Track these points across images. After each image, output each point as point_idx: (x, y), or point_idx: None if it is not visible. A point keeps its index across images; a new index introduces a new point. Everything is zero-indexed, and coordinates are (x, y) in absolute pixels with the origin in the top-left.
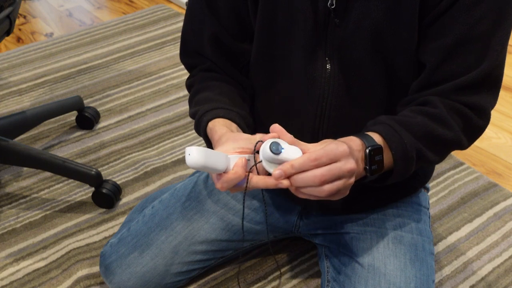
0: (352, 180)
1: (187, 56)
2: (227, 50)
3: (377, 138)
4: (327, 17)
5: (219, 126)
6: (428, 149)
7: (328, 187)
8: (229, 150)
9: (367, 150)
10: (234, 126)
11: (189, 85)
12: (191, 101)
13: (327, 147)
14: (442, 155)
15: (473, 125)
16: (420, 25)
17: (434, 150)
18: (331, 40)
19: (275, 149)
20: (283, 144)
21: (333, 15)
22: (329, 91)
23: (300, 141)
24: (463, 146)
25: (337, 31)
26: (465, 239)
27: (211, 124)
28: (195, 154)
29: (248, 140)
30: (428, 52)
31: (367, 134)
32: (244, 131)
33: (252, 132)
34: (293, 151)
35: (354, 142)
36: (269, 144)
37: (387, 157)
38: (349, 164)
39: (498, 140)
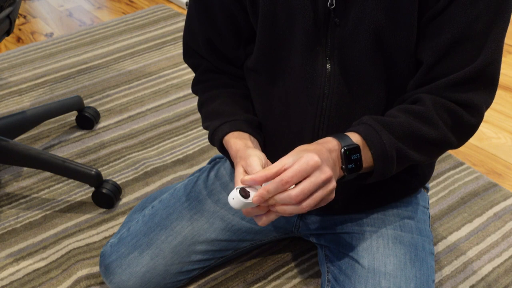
0: (332, 185)
1: (189, 56)
2: (221, 54)
3: (355, 137)
4: (327, 16)
5: (233, 141)
6: (410, 149)
7: (307, 203)
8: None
9: (342, 150)
10: (246, 135)
11: (195, 93)
12: (200, 112)
13: (296, 164)
14: (428, 154)
15: (463, 123)
16: (419, 24)
17: (417, 149)
18: (331, 40)
19: (244, 195)
20: (249, 188)
21: (333, 14)
22: (329, 91)
23: (270, 164)
24: (452, 145)
25: (337, 31)
26: (465, 239)
27: (224, 141)
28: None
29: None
30: (425, 50)
31: (345, 135)
32: (255, 134)
33: (261, 129)
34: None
35: (330, 143)
36: (238, 190)
37: (367, 157)
38: (323, 175)
39: (498, 140)
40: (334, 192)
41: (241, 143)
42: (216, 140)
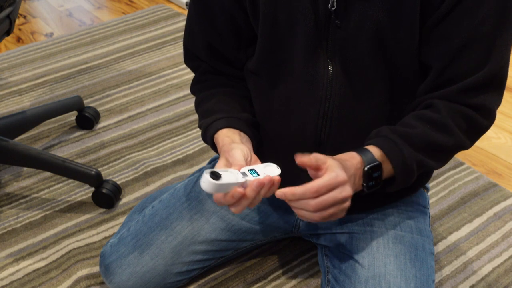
0: (346, 204)
1: (189, 60)
2: (221, 56)
3: (377, 152)
4: (328, 18)
5: (221, 138)
6: (429, 158)
7: (319, 214)
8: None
9: (366, 168)
10: (236, 132)
11: (193, 93)
12: (197, 112)
13: (327, 176)
14: (444, 160)
15: (477, 126)
16: (421, 27)
17: (435, 158)
18: (332, 41)
19: (215, 176)
20: (222, 171)
21: (333, 16)
22: (332, 92)
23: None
24: (465, 148)
25: (338, 32)
26: (465, 239)
27: (214, 138)
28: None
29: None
30: (433, 55)
31: (367, 150)
32: (247, 132)
33: (257, 128)
34: (231, 175)
35: (354, 160)
36: (209, 173)
37: (387, 169)
38: (344, 193)
39: (498, 140)
40: (345, 211)
41: (228, 140)
42: (208, 137)
